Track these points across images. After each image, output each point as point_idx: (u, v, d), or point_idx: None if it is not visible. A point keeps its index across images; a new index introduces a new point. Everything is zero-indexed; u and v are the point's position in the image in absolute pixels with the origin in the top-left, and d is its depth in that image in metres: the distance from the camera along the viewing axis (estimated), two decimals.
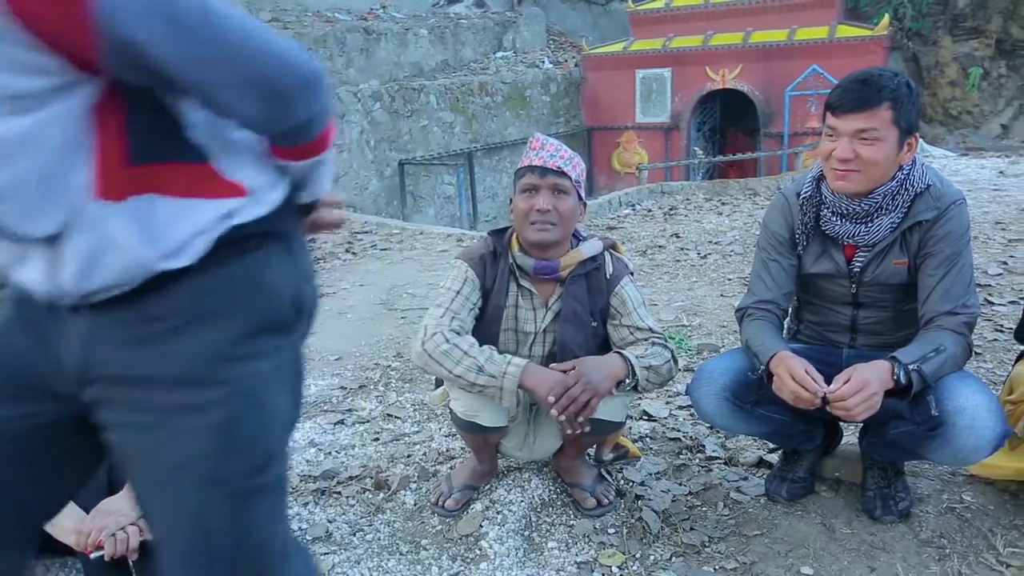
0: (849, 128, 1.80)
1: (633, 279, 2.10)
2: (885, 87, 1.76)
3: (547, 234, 1.95)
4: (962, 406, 1.72)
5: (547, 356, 2.11)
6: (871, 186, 1.84)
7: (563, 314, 2.03)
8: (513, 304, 2.06)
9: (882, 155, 1.79)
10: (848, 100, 1.79)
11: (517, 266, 2.05)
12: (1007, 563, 1.85)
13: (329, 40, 11.23)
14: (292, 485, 2.39)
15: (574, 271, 2.02)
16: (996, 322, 3.57)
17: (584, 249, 2.03)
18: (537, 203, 1.93)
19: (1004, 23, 13.60)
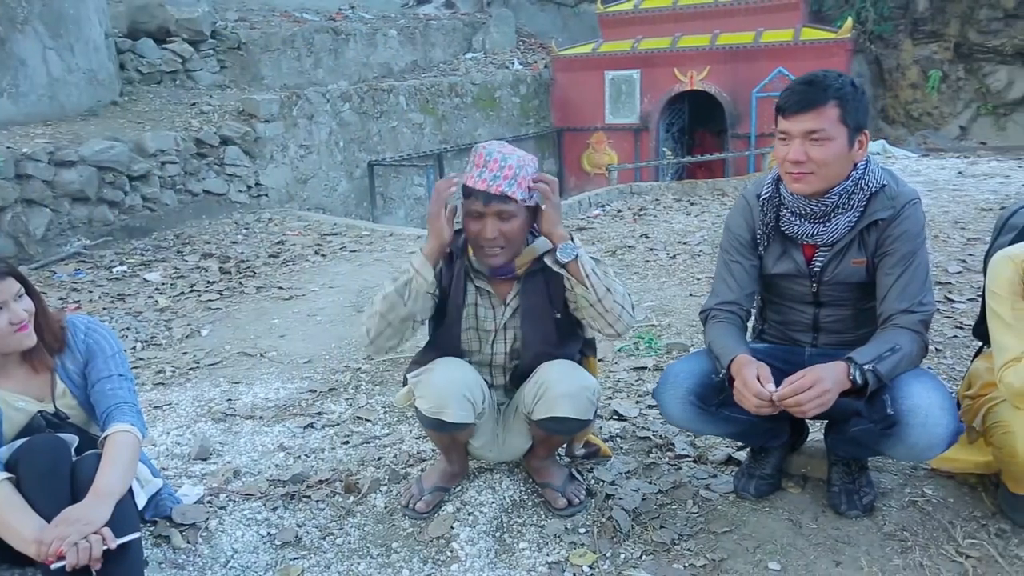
0: (799, 129, 1.83)
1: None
2: (830, 86, 1.80)
3: (497, 259, 1.97)
4: (916, 405, 1.76)
5: (509, 352, 2.12)
6: (826, 185, 1.88)
7: (523, 311, 2.05)
8: (472, 303, 2.09)
9: (833, 154, 1.83)
10: (795, 101, 1.83)
11: (473, 268, 2.07)
12: (966, 554, 1.90)
13: (297, 40, 11.12)
14: (261, 490, 2.37)
15: (531, 267, 2.04)
16: (956, 319, 3.65)
17: (538, 245, 2.04)
18: (485, 232, 1.92)
19: (961, 27, 13.91)
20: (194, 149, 7.63)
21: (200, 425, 2.96)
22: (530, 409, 2.02)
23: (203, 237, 6.81)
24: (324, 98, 9.60)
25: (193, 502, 2.27)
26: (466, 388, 2.00)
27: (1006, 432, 1.87)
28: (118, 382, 1.92)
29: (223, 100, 8.87)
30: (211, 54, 9.84)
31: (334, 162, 9.78)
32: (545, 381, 1.99)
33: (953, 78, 14.32)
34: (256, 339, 4.10)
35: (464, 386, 2.00)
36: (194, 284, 5.26)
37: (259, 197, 8.39)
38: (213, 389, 3.37)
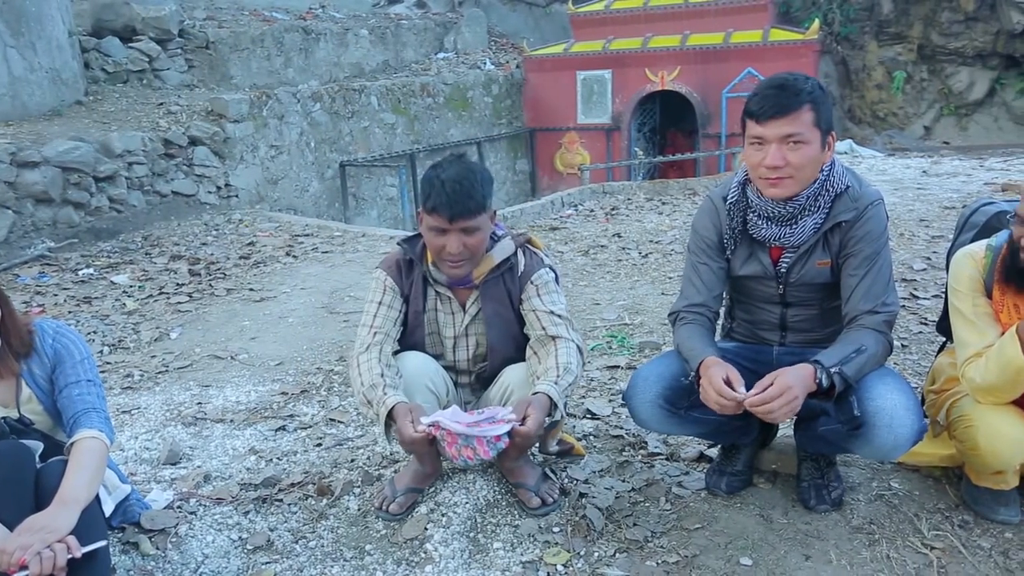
0: (776, 134, 1.83)
1: (548, 270, 2.11)
2: (803, 90, 1.81)
3: (460, 271, 1.98)
4: (881, 407, 1.79)
5: (473, 358, 2.13)
6: (802, 188, 1.89)
7: (487, 318, 2.07)
8: (433, 308, 2.10)
9: (808, 158, 1.85)
10: (770, 106, 1.82)
11: (432, 275, 2.07)
12: (931, 545, 1.94)
13: (267, 39, 11.01)
14: (232, 494, 2.34)
15: (490, 274, 2.05)
16: (921, 315, 3.72)
17: (495, 254, 2.05)
18: (449, 247, 1.91)
19: (924, 29, 14.17)
20: (162, 150, 7.53)
21: (169, 429, 2.92)
22: None
23: (172, 239, 6.72)
24: (295, 98, 9.51)
25: (162, 507, 2.23)
26: (428, 379, 2.03)
27: (968, 426, 1.91)
28: (86, 387, 1.88)
29: (191, 100, 8.76)
30: (179, 53, 9.71)
31: (305, 163, 9.70)
32: (511, 385, 2.01)
33: (917, 79, 14.59)
34: (227, 341, 4.05)
35: (426, 377, 2.03)
36: (163, 286, 5.19)
37: (229, 198, 8.30)
38: (183, 393, 3.32)
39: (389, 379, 1.96)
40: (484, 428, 1.76)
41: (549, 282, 2.08)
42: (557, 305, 2.05)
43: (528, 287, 2.05)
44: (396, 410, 1.87)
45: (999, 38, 13.62)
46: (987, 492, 2.02)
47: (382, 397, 1.90)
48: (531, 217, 7.98)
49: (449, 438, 1.76)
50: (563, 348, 1.98)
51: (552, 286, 2.08)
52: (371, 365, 1.97)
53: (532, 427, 1.77)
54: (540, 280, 2.06)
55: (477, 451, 1.75)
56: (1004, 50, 13.73)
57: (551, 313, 2.03)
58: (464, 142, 12.85)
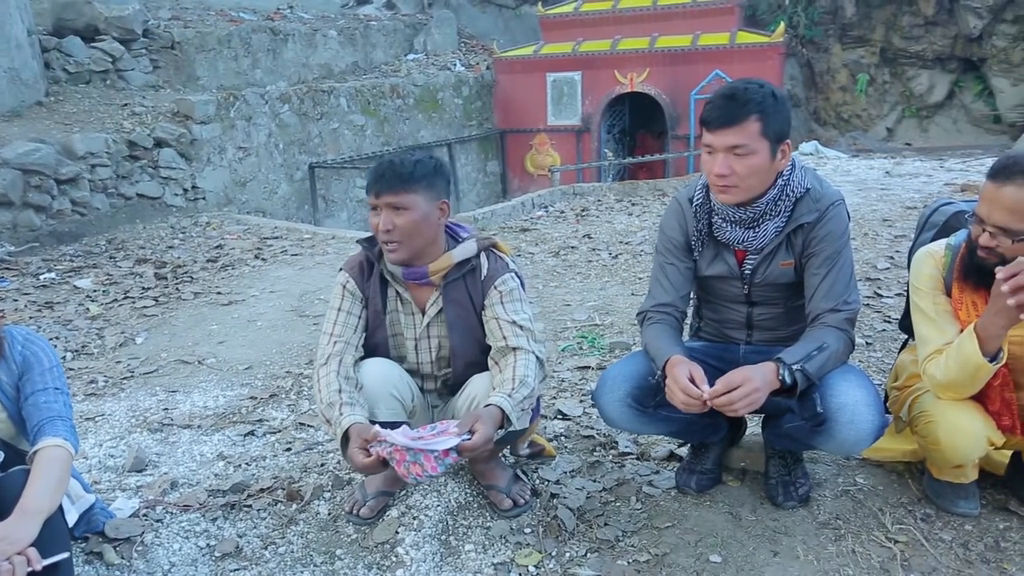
0: (722, 143, 1.86)
1: (514, 276, 2.08)
2: (751, 100, 1.83)
3: (395, 254, 1.95)
4: (843, 403, 1.82)
5: (436, 360, 2.12)
6: (750, 196, 1.93)
7: (448, 321, 2.04)
8: (393, 309, 2.08)
9: (755, 167, 1.87)
10: (717, 116, 1.86)
11: (389, 273, 2.05)
12: (895, 539, 1.98)
13: (234, 40, 10.88)
14: (200, 500, 2.31)
15: (450, 275, 2.02)
16: (884, 313, 3.79)
17: (455, 253, 2.02)
18: (380, 224, 1.91)
19: (886, 33, 14.46)
20: (126, 151, 7.40)
21: (135, 436, 2.87)
22: None
23: (137, 242, 6.61)
24: (263, 99, 9.42)
25: (128, 516, 2.19)
26: (392, 387, 2.00)
27: (930, 421, 1.95)
28: (53, 395, 1.84)
29: (156, 101, 8.62)
30: (143, 53, 9.55)
31: (274, 164, 9.60)
32: (477, 395, 1.98)
33: (880, 82, 14.88)
34: (194, 346, 3.99)
35: (390, 384, 2.00)
36: (128, 291, 5.10)
37: (196, 200, 8.19)
38: (149, 398, 3.27)
39: (346, 395, 1.91)
40: (429, 441, 1.72)
41: (514, 289, 2.04)
42: (520, 314, 2.01)
43: (491, 292, 2.02)
44: (350, 432, 1.83)
45: (957, 42, 13.95)
46: (948, 486, 2.06)
47: (338, 417, 1.86)
48: (502, 218, 7.99)
49: (397, 456, 1.72)
50: (522, 360, 1.94)
51: (517, 294, 2.04)
52: (329, 380, 1.94)
53: (478, 442, 1.72)
54: (504, 287, 2.02)
55: (425, 467, 1.70)
56: (962, 53, 14.07)
57: (513, 323, 1.99)
58: (435, 143, 12.82)
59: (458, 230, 2.11)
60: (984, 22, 13.36)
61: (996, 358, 1.78)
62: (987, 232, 1.77)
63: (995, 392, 1.88)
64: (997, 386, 1.87)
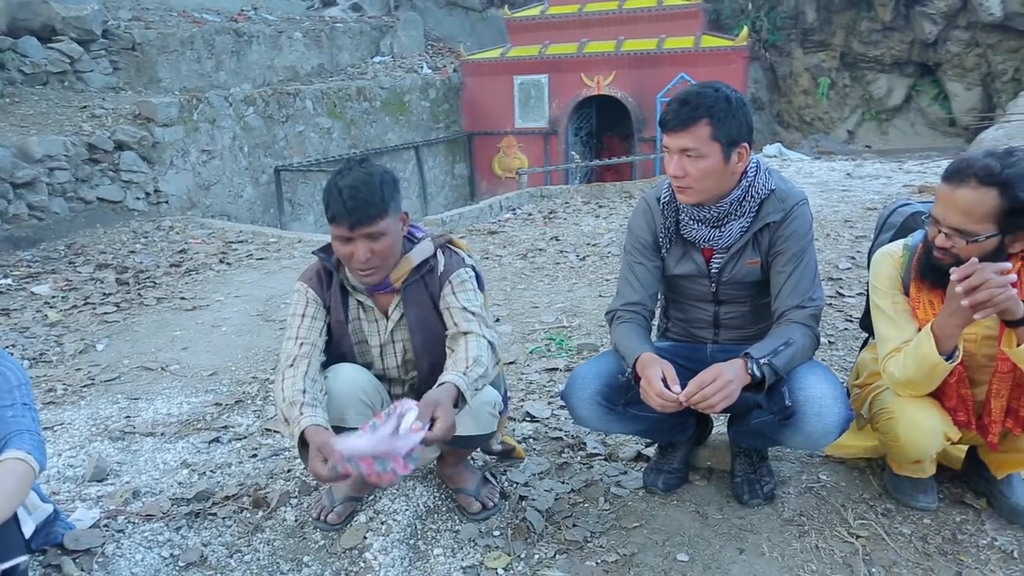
0: (675, 146, 1.91)
1: (468, 269, 2.06)
2: (702, 105, 1.87)
3: (373, 277, 1.93)
4: (811, 396, 1.86)
5: (402, 364, 2.10)
6: (708, 196, 1.96)
7: (410, 324, 2.03)
8: (356, 318, 2.06)
9: (707, 170, 1.90)
10: (670, 120, 1.90)
11: (350, 283, 2.03)
12: (857, 534, 2.02)
13: (196, 41, 10.72)
14: (163, 509, 2.27)
15: (410, 278, 2.01)
16: (846, 313, 3.86)
17: (414, 256, 2.01)
18: (356, 255, 1.86)
19: (846, 38, 14.76)
20: (86, 154, 7.24)
21: (96, 445, 2.81)
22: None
23: (98, 247, 6.47)
24: (227, 102, 9.29)
25: (88, 527, 2.15)
26: (361, 391, 1.99)
27: (890, 418, 1.99)
28: (20, 410, 1.80)
29: (117, 103, 8.46)
30: (103, 54, 9.37)
31: (239, 167, 9.48)
32: None
33: (840, 85, 15.17)
34: (157, 352, 3.92)
35: (359, 390, 1.99)
36: (88, 296, 4.99)
37: (159, 204, 8.05)
38: (110, 406, 3.20)
39: (309, 396, 1.87)
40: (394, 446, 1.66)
41: (466, 280, 2.03)
42: (471, 302, 2.00)
43: (445, 286, 2.01)
44: (307, 435, 1.78)
45: (914, 47, 14.29)
46: (907, 481, 2.11)
47: (298, 417, 1.82)
48: (470, 221, 7.98)
49: (365, 466, 1.69)
50: (473, 342, 1.92)
51: (469, 284, 2.03)
52: (295, 380, 1.90)
53: (441, 430, 1.69)
54: (457, 279, 2.02)
55: (397, 471, 1.68)
56: (919, 58, 14.42)
57: (463, 309, 1.98)
58: (402, 146, 12.77)
59: (414, 231, 2.09)
60: (939, 28, 13.70)
61: (952, 356, 1.82)
62: (942, 233, 1.81)
63: (951, 389, 1.93)
64: (953, 383, 1.92)
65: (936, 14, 13.53)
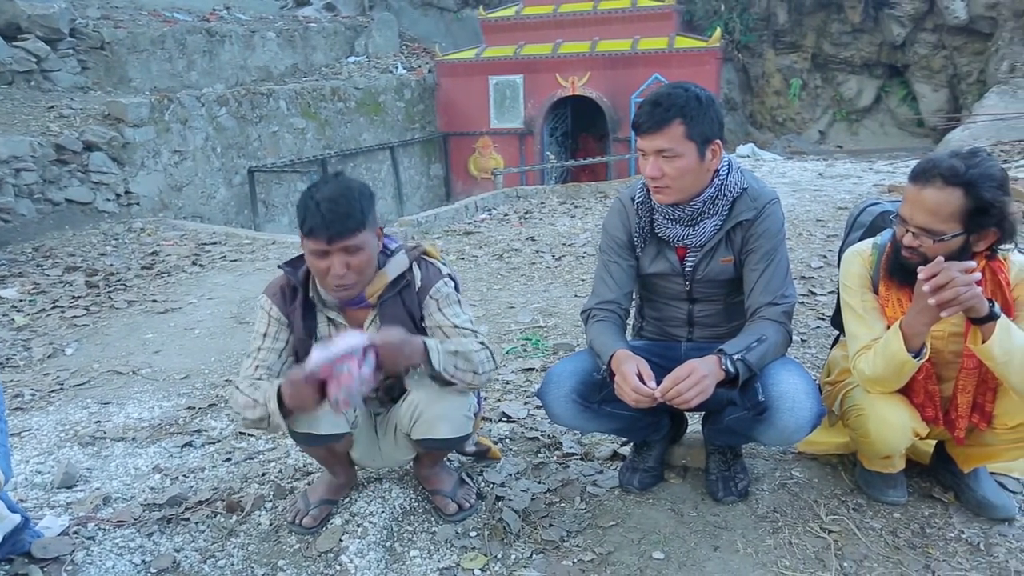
0: (651, 147, 1.93)
1: (447, 281, 2.03)
2: (674, 105, 1.89)
3: (349, 292, 1.89)
4: (784, 391, 1.89)
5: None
6: (685, 195, 1.98)
7: None
8: (325, 335, 2.00)
9: (683, 169, 1.93)
10: (644, 121, 1.92)
11: (321, 299, 1.99)
12: (829, 529, 2.04)
13: (168, 41, 10.58)
14: (135, 515, 2.24)
15: (385, 293, 1.96)
16: (818, 311, 3.91)
17: (389, 271, 1.96)
18: (333, 270, 1.82)
19: (817, 39, 14.95)
20: (54, 155, 7.12)
21: (65, 451, 2.76)
22: (408, 429, 1.99)
23: (67, 249, 6.37)
24: (199, 102, 9.19)
25: (57, 534, 2.11)
26: None
27: (860, 414, 2.02)
28: None
29: (86, 103, 8.33)
30: (71, 54, 9.22)
31: (211, 168, 9.38)
32: (419, 403, 1.94)
33: (812, 86, 15.36)
34: (128, 356, 3.87)
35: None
36: (57, 300, 4.91)
37: (129, 206, 7.93)
38: (79, 411, 3.15)
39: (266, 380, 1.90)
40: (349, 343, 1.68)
41: (449, 294, 2.00)
42: (460, 317, 1.99)
43: (428, 303, 1.98)
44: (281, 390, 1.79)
45: (883, 49, 14.51)
46: (877, 476, 2.14)
47: (267, 388, 1.82)
48: (445, 222, 7.96)
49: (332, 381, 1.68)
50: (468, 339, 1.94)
51: (452, 297, 2.01)
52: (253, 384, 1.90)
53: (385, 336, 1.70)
54: (439, 294, 1.98)
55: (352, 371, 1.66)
56: (887, 60, 14.64)
57: (456, 327, 1.97)
58: (377, 147, 12.71)
59: (386, 242, 2.04)
60: (907, 30, 13.92)
61: (920, 354, 1.85)
62: (910, 232, 1.84)
63: (919, 385, 1.96)
64: (921, 379, 1.95)
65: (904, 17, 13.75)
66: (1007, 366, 1.75)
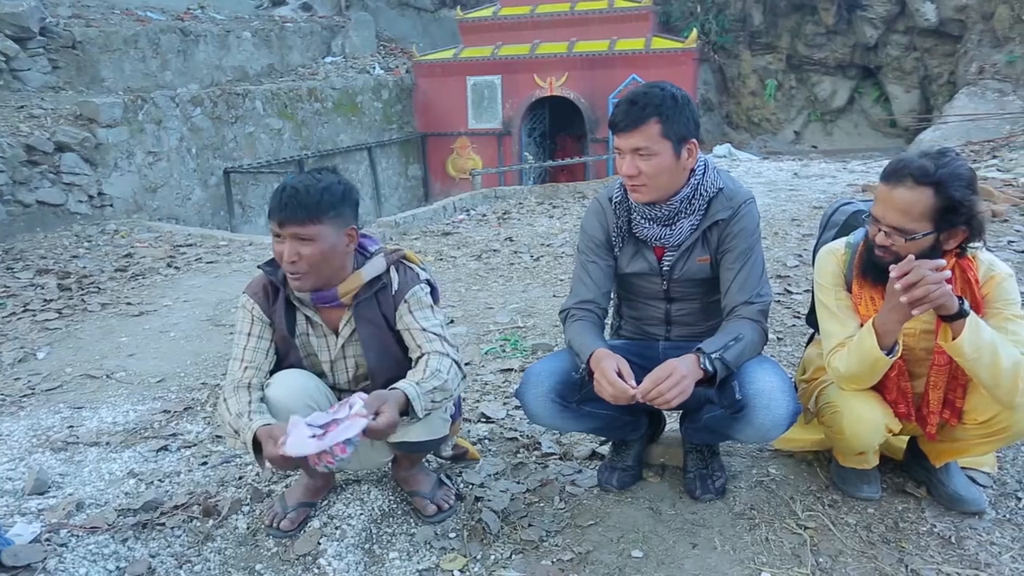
0: (627, 146, 1.95)
1: (423, 286, 2.03)
2: (650, 104, 1.91)
3: (301, 283, 1.88)
4: (760, 389, 1.91)
5: (353, 379, 2.07)
6: (661, 194, 2.00)
7: (363, 340, 1.99)
8: (304, 333, 2.01)
9: (660, 167, 1.95)
10: (620, 120, 1.94)
11: (296, 298, 1.99)
12: (805, 525, 2.07)
13: (141, 40, 10.45)
14: (108, 521, 2.20)
15: (361, 294, 1.96)
16: (794, 309, 3.95)
17: (364, 272, 1.96)
18: (285, 254, 1.83)
19: (792, 41, 15.12)
20: (24, 156, 7.00)
21: (36, 456, 2.72)
22: None
23: (38, 251, 6.27)
24: (173, 102, 9.09)
25: (28, 541, 2.07)
26: (308, 397, 1.95)
27: (835, 412, 2.05)
28: None
29: (57, 103, 8.21)
30: (41, 52, 9.06)
31: (187, 170, 9.28)
32: None
33: (787, 87, 15.53)
34: (102, 359, 3.81)
35: (305, 395, 1.95)
36: (28, 303, 4.83)
37: (103, 207, 7.83)
38: (51, 416, 3.10)
39: (255, 406, 1.89)
40: (337, 432, 1.68)
41: (422, 298, 2.00)
42: (430, 321, 1.98)
43: (401, 306, 1.97)
44: (259, 435, 1.78)
45: (856, 50, 14.71)
46: (852, 472, 2.17)
47: (247, 423, 1.82)
48: (423, 222, 7.95)
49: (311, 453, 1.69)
50: (435, 359, 1.91)
51: (425, 301, 2.00)
52: (239, 399, 1.90)
53: (382, 424, 1.70)
54: (412, 297, 1.98)
55: (335, 454, 1.69)
56: (860, 61, 14.85)
57: (424, 330, 1.95)
58: (354, 147, 12.65)
59: (367, 244, 2.04)
60: (879, 32, 14.13)
61: (892, 351, 1.88)
62: (882, 231, 1.87)
63: (892, 382, 1.99)
64: (894, 376, 1.98)
65: (876, 19, 13.95)
66: (976, 362, 1.78)
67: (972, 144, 10.23)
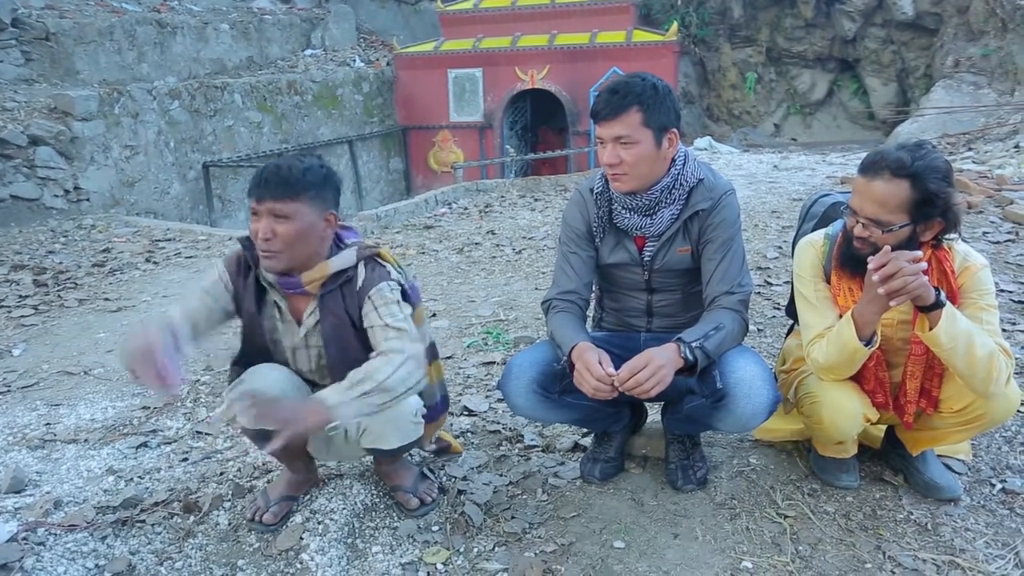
0: (609, 135, 1.96)
1: (391, 284, 1.94)
2: (631, 93, 1.93)
3: (272, 262, 1.85)
4: (741, 378, 1.92)
5: (316, 370, 2.04)
6: (643, 183, 2.01)
7: (325, 333, 1.94)
8: (270, 316, 1.99)
9: (641, 156, 1.96)
10: (602, 109, 1.96)
11: (266, 280, 1.96)
12: (785, 514, 2.09)
13: (116, 32, 10.30)
14: (87, 519, 2.18)
15: (327, 285, 1.92)
16: (774, 301, 3.98)
17: (332, 263, 1.91)
18: (259, 231, 1.81)
19: (771, 34, 15.20)
20: None
21: (12, 455, 2.68)
22: (356, 437, 1.98)
23: (12, 247, 6.18)
24: (150, 95, 8.97)
25: (4, 540, 2.05)
26: (281, 392, 1.93)
27: (814, 402, 2.07)
28: None
29: (31, 96, 8.07)
30: (13, 44, 8.91)
31: (164, 163, 9.17)
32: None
33: (767, 80, 15.61)
34: (79, 356, 3.77)
35: (279, 390, 1.93)
36: (3, 299, 4.76)
37: (79, 202, 7.72)
38: (28, 413, 3.06)
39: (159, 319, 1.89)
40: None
41: (387, 294, 1.91)
42: (395, 316, 1.88)
43: (366, 303, 1.91)
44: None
45: (834, 43, 14.82)
46: (831, 461, 2.20)
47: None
48: (405, 216, 7.92)
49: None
50: (381, 359, 1.79)
51: (390, 297, 1.91)
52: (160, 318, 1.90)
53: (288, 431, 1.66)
54: (378, 295, 1.90)
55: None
56: (839, 54, 14.96)
57: (386, 326, 1.87)
58: (335, 141, 12.56)
59: (344, 236, 2.01)
60: (857, 25, 14.23)
61: (871, 342, 1.90)
62: (860, 223, 1.88)
63: (870, 372, 2.01)
64: (872, 366, 2.00)
65: (854, 12, 14.05)
66: (952, 352, 1.81)
67: (948, 136, 10.35)
